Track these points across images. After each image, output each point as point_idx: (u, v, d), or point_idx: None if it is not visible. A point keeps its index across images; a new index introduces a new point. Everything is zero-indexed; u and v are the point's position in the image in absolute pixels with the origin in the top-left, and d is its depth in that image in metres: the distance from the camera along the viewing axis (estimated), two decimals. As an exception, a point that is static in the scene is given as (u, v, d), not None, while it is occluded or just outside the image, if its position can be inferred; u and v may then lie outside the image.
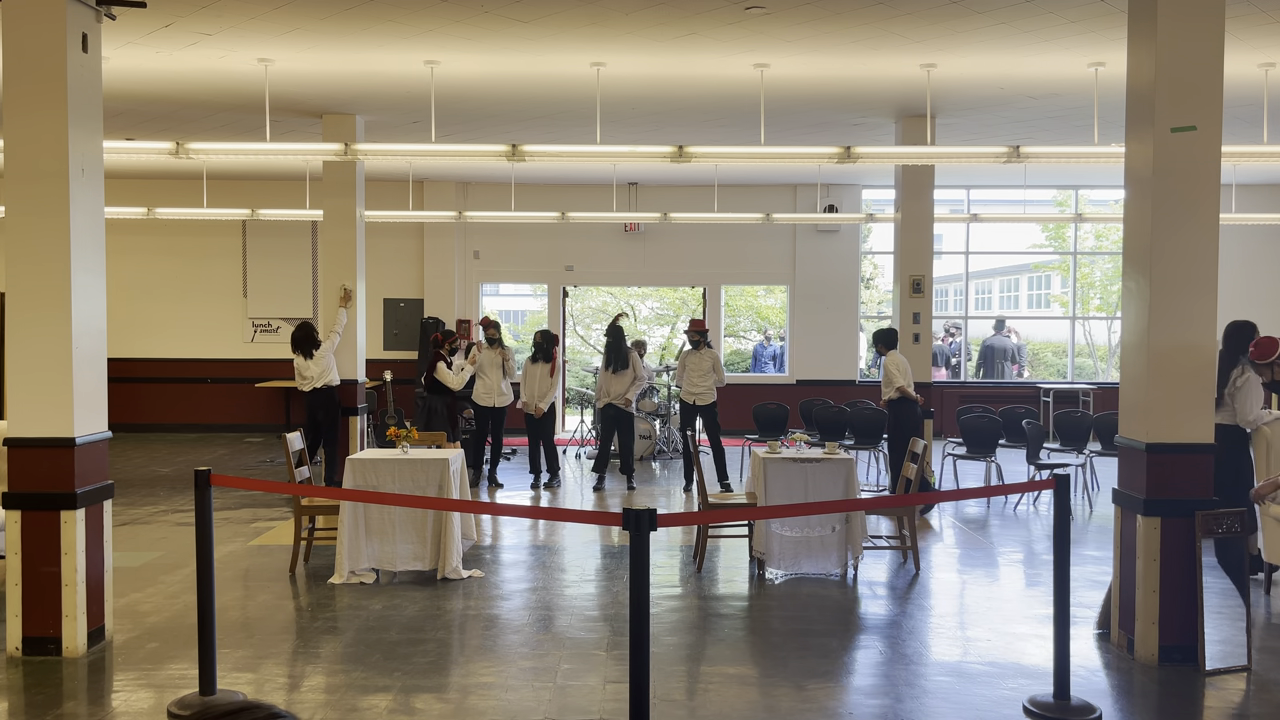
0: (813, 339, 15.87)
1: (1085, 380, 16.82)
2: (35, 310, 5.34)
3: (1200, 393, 5.42)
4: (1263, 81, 8.62)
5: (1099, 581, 6.88)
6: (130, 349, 15.29)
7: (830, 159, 8.32)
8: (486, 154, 8.51)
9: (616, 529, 8.27)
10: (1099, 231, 18.79)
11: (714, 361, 10.76)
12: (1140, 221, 5.52)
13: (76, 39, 5.35)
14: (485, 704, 4.80)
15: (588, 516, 4.53)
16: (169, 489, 10.62)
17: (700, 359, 10.74)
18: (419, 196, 15.57)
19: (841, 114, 10.53)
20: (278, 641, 5.74)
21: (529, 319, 24.00)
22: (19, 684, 5.04)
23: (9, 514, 5.41)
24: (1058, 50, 8.07)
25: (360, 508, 6.92)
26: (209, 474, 4.78)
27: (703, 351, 10.77)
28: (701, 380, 10.71)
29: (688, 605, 6.51)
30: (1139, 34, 5.53)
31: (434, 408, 10.79)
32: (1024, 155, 8.23)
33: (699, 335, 10.85)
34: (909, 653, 5.63)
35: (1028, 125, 10.98)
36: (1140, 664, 5.41)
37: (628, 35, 7.69)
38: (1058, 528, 4.82)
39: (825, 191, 15.63)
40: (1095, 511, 9.69)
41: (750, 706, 4.81)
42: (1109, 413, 10.45)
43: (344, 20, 7.34)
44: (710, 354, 10.78)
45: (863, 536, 7.27)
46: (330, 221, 10.82)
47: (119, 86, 9.23)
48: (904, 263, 11.00)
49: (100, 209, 5.65)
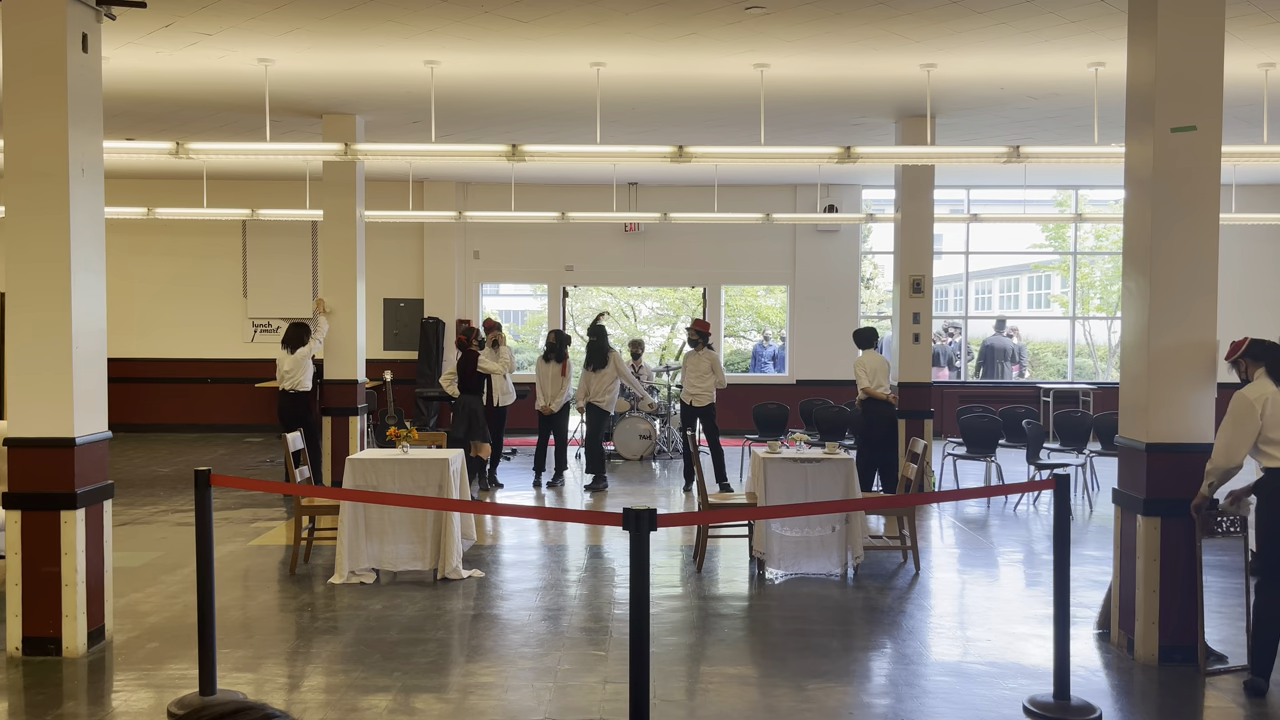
0: (813, 339, 15.86)
1: (1085, 380, 16.82)
2: (35, 310, 5.34)
3: (1200, 393, 5.41)
4: (1263, 81, 8.62)
5: (1099, 581, 6.88)
6: (130, 349, 15.29)
7: (830, 159, 8.31)
8: (486, 154, 8.51)
9: (607, 529, 8.27)
10: (1099, 231, 18.79)
11: (713, 363, 10.74)
12: (1140, 221, 5.52)
13: (76, 39, 5.35)
14: (485, 704, 4.80)
15: (588, 516, 4.53)
16: (169, 489, 10.62)
17: (699, 360, 10.73)
18: (419, 196, 15.56)
19: (841, 114, 10.53)
20: (278, 641, 5.74)
21: (529, 319, 24.00)
22: (19, 684, 5.04)
23: (9, 514, 5.40)
24: (1058, 50, 8.06)
25: (360, 508, 6.92)
26: (209, 474, 4.78)
27: (702, 352, 10.76)
28: (699, 381, 10.70)
29: (688, 605, 6.51)
30: (1139, 34, 5.53)
31: (474, 409, 10.33)
32: (1024, 155, 8.23)
33: (698, 335, 10.84)
34: (909, 653, 5.63)
35: (1028, 125, 10.98)
36: (1140, 664, 5.41)
37: (628, 35, 7.69)
38: (1058, 528, 4.82)
39: (825, 191, 15.63)
40: (1095, 511, 9.69)
41: (750, 706, 4.81)
42: (1109, 413, 10.45)
43: (344, 20, 7.34)
44: (709, 355, 10.77)
45: (863, 536, 7.27)
46: (330, 221, 10.82)
47: (119, 86, 9.22)
48: (904, 263, 10.99)
49: (100, 209, 5.65)
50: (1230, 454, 5.06)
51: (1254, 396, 5.06)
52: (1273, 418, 5.00)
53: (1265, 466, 5.06)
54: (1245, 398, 5.07)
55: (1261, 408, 5.02)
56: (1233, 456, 5.06)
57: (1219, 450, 5.11)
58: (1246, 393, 5.10)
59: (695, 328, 10.90)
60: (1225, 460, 5.07)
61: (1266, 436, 5.02)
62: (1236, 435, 5.04)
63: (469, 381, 10.48)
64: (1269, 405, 5.02)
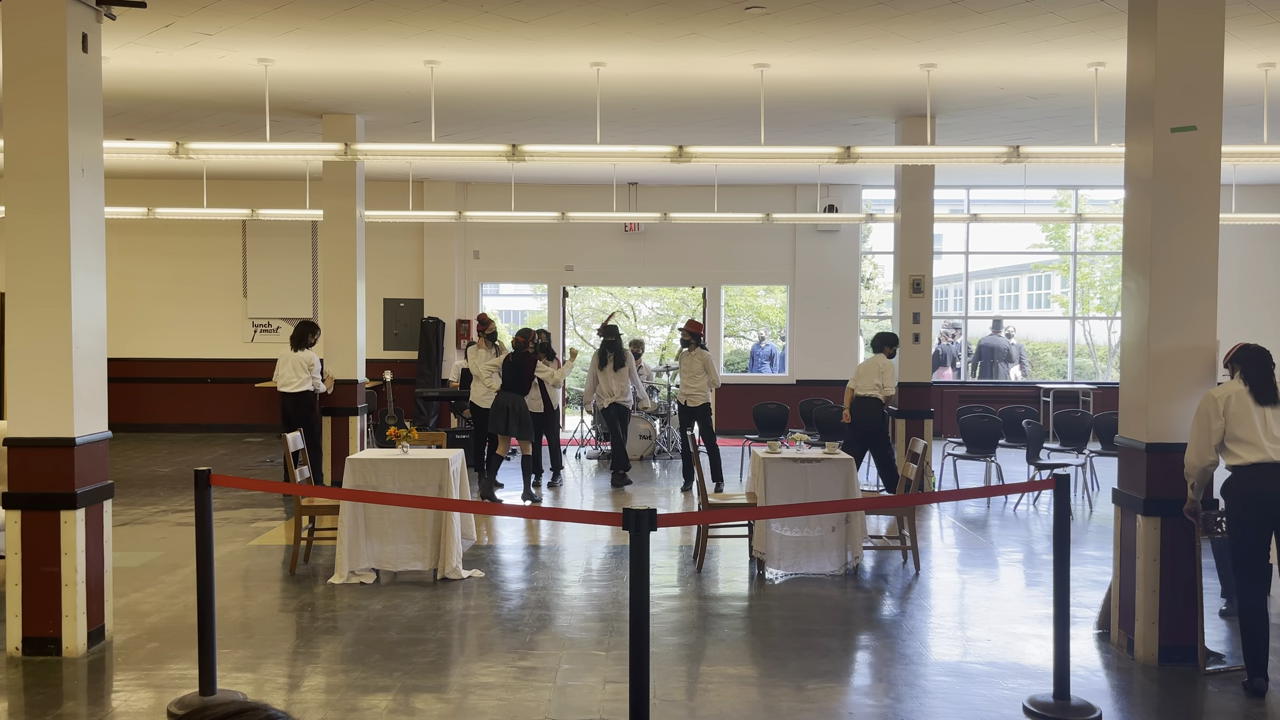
0: (813, 339, 15.86)
1: (1085, 380, 16.82)
2: (35, 310, 5.34)
3: (1200, 393, 5.41)
4: (1263, 81, 8.62)
5: (1099, 581, 6.88)
6: (130, 349, 15.29)
7: (830, 159, 8.31)
8: (486, 154, 8.51)
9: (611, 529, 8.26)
10: (1099, 231, 18.79)
11: (705, 363, 10.77)
12: (1140, 221, 5.52)
13: (76, 39, 5.35)
14: (485, 704, 4.80)
15: (588, 516, 4.53)
16: (169, 489, 10.62)
17: (691, 360, 10.78)
18: (419, 196, 15.56)
19: (841, 114, 10.53)
20: (278, 641, 5.73)
21: (529, 319, 24.01)
22: (19, 684, 5.04)
23: (9, 514, 5.40)
24: (1058, 50, 8.06)
25: (360, 508, 6.92)
26: (209, 474, 4.78)
27: (694, 353, 10.79)
28: (692, 381, 10.76)
29: (688, 605, 6.51)
30: (1139, 34, 5.53)
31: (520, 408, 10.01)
32: (1024, 155, 8.23)
33: (691, 336, 10.90)
34: (909, 653, 5.63)
35: (1028, 125, 10.98)
36: (1140, 664, 5.41)
37: (628, 35, 7.69)
38: (1058, 528, 4.82)
39: (825, 191, 15.62)
40: (1095, 511, 9.69)
41: (750, 706, 4.81)
42: (1109, 413, 10.45)
43: (344, 20, 7.34)
44: (701, 355, 10.80)
45: (863, 536, 7.27)
46: (330, 221, 10.82)
47: (119, 86, 9.22)
48: (904, 263, 11.00)
49: (100, 209, 5.65)
50: (1199, 452, 5.12)
51: (1218, 394, 5.10)
52: (1236, 415, 5.03)
53: (1230, 464, 5.09)
54: (1210, 395, 5.14)
55: (1224, 405, 5.05)
56: (1202, 454, 5.11)
57: (1189, 449, 5.19)
58: (1213, 390, 5.18)
59: (688, 329, 10.99)
60: (1196, 458, 5.13)
61: (1232, 434, 5.04)
62: (1201, 433, 5.10)
63: (516, 382, 10.14)
64: (1232, 403, 5.05)
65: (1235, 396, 5.06)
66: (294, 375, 10.13)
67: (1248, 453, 4.99)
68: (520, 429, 10.01)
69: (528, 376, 10.21)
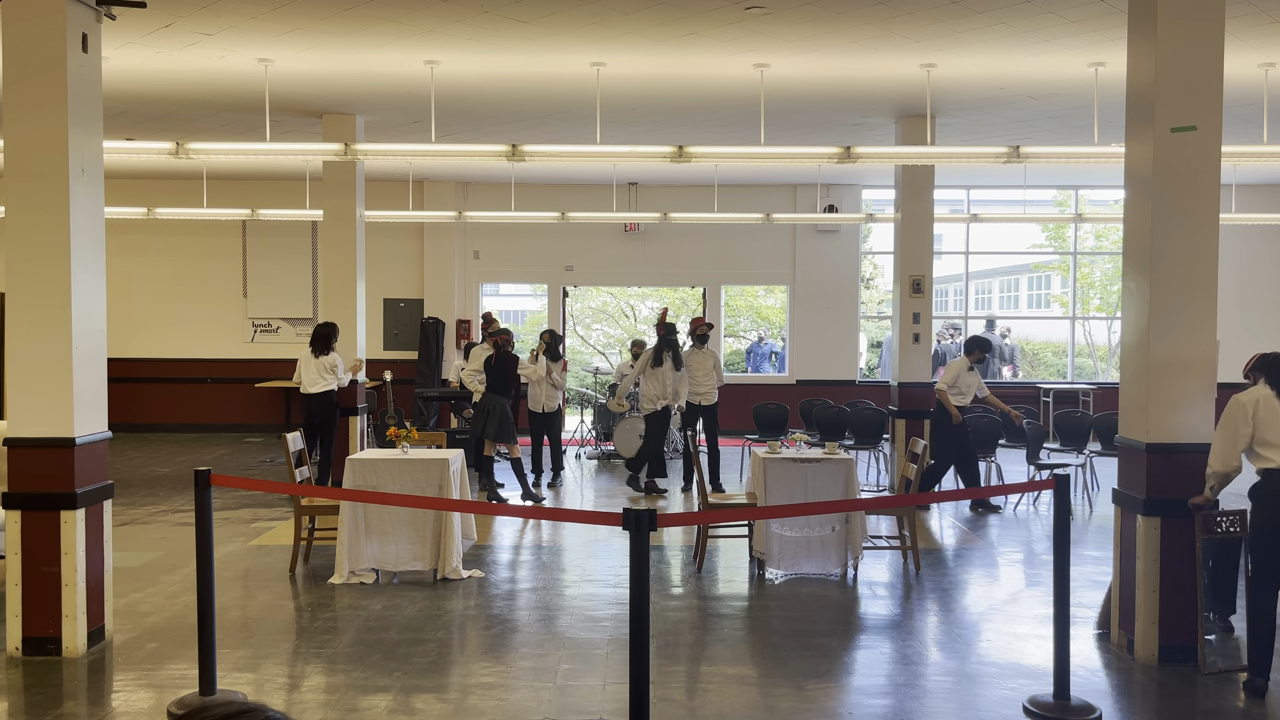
0: (813, 339, 15.86)
1: (1085, 380, 16.82)
2: (35, 310, 5.34)
3: (1200, 393, 5.42)
4: (1263, 81, 8.62)
5: (1099, 581, 6.88)
6: (130, 349, 15.29)
7: (830, 159, 8.31)
8: (486, 154, 8.51)
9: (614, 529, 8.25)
10: (1099, 231, 18.79)
11: (715, 361, 10.75)
12: (1140, 221, 5.52)
13: (76, 39, 5.35)
14: (485, 704, 4.80)
15: (588, 516, 4.53)
16: (169, 489, 10.61)
17: (703, 358, 10.69)
18: (419, 196, 15.56)
19: (841, 114, 10.53)
20: (278, 641, 5.73)
21: (529, 319, 24.01)
22: (19, 684, 5.04)
23: (9, 514, 5.40)
24: (1058, 50, 8.06)
25: (360, 508, 6.92)
26: (209, 474, 4.78)
27: (705, 351, 10.74)
28: (705, 379, 10.67)
29: (688, 605, 6.51)
30: (1139, 34, 5.53)
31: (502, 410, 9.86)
32: (1024, 155, 8.23)
33: (707, 330, 10.76)
34: (909, 653, 5.63)
35: (1028, 125, 10.98)
36: (1140, 664, 5.41)
37: (628, 35, 7.69)
38: (1058, 528, 4.82)
39: (825, 191, 15.62)
40: (1095, 511, 9.69)
41: (750, 706, 4.81)
42: (1109, 413, 10.45)
43: (344, 20, 7.34)
44: (712, 353, 10.78)
45: (863, 536, 7.27)
46: (330, 221, 10.82)
47: (119, 86, 9.22)
48: (904, 263, 10.99)
49: (100, 209, 5.65)
50: (1225, 457, 5.10)
51: (1247, 399, 5.09)
52: (1266, 420, 5.03)
53: (1260, 468, 5.08)
54: (1239, 400, 5.11)
55: (1254, 410, 5.05)
56: (1228, 459, 5.10)
57: (1214, 453, 5.15)
58: (1241, 395, 5.15)
59: (698, 326, 10.79)
60: (1221, 464, 5.11)
61: (1261, 439, 5.04)
62: (1229, 438, 5.09)
63: (500, 383, 10.05)
64: (1261, 407, 5.05)
65: (1263, 401, 5.07)
66: (319, 377, 10.11)
67: (1278, 455, 5.01)
68: (499, 432, 9.85)
69: (510, 376, 10.11)
